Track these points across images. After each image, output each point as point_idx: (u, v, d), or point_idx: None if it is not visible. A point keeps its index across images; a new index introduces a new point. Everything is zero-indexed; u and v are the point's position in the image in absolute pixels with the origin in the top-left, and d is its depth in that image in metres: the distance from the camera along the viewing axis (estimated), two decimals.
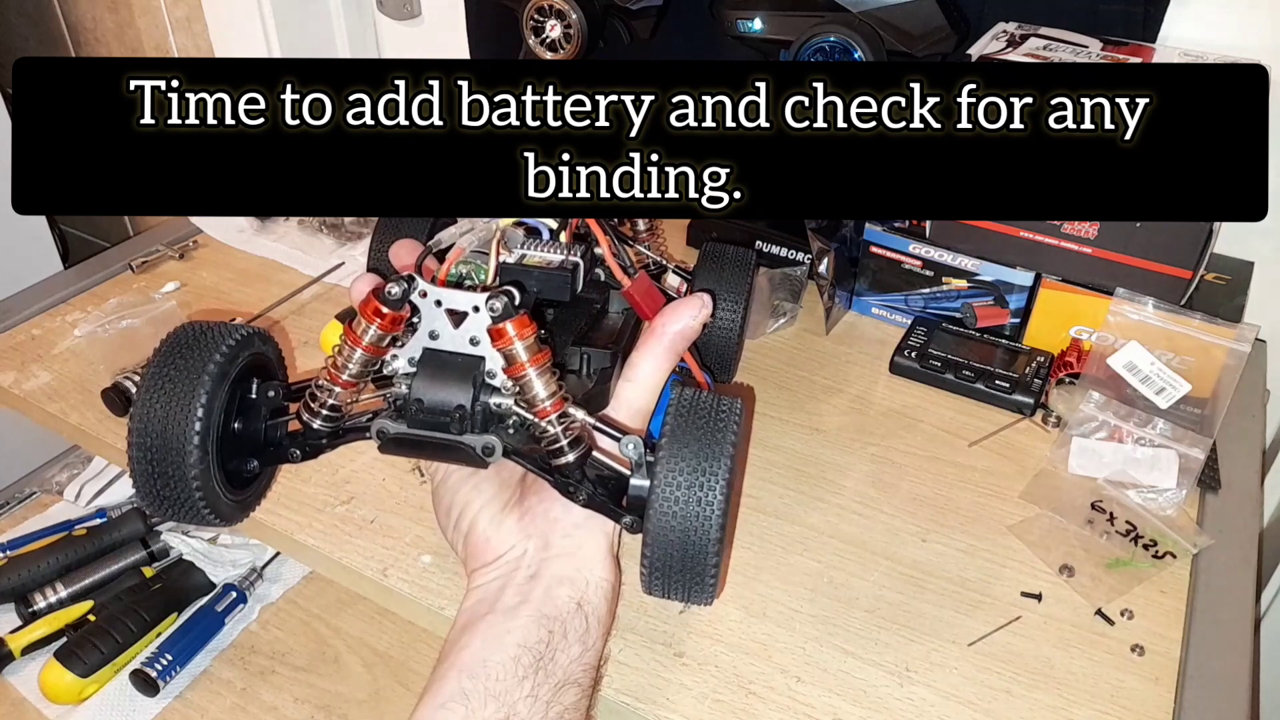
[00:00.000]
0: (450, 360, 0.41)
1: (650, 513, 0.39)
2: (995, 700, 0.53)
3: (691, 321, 0.50)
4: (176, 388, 0.39)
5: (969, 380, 0.75)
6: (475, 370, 0.41)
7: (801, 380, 0.77)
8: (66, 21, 1.44)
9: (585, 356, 0.49)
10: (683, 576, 0.41)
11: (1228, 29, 0.77)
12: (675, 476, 0.39)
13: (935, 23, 0.77)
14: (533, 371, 0.41)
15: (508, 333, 0.41)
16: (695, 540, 0.39)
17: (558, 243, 0.50)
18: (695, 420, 0.40)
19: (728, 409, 0.41)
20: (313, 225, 0.98)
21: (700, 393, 0.42)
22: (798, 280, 0.85)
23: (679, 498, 0.39)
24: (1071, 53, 0.73)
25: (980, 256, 0.78)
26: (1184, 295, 0.72)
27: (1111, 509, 0.65)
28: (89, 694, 0.85)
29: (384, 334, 0.41)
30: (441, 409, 0.41)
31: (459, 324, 0.41)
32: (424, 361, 0.41)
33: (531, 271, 0.46)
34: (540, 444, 0.44)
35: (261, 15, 1.09)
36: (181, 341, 0.41)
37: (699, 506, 0.39)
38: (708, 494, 0.39)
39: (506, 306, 0.41)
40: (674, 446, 0.40)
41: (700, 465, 0.39)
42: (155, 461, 0.39)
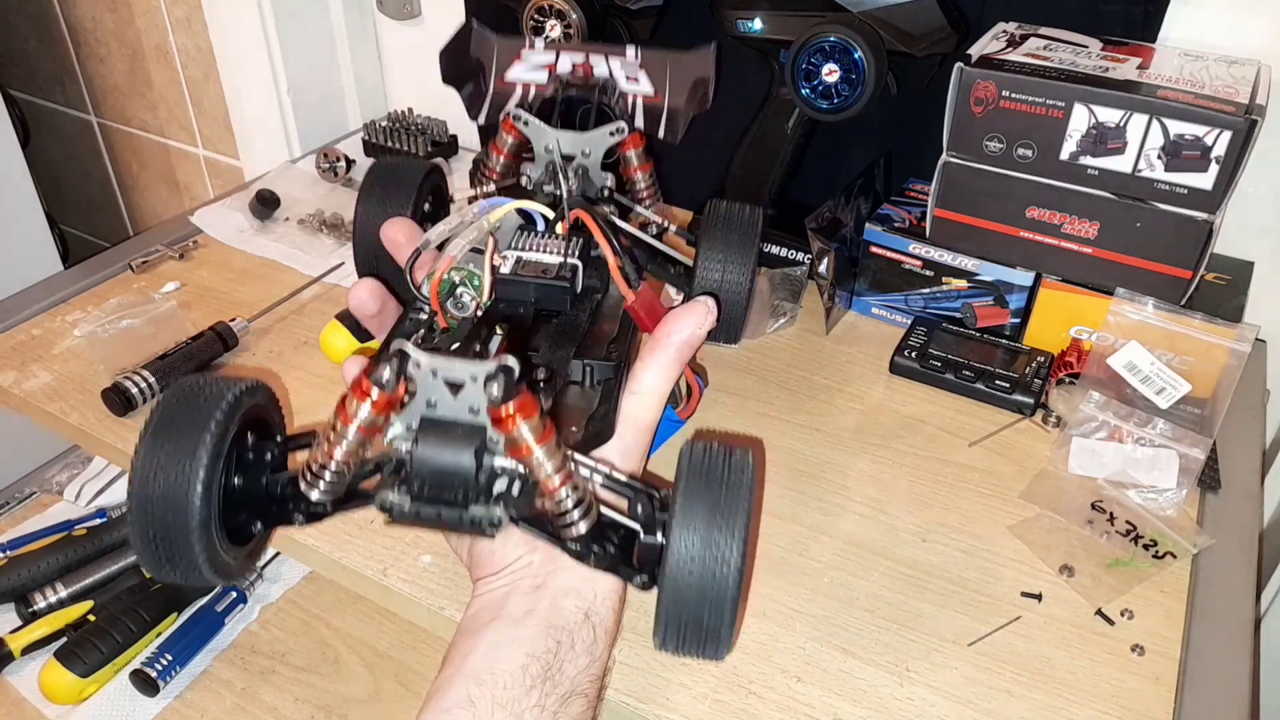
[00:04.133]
0: (450, 429, 0.39)
1: (666, 573, 0.38)
2: (995, 700, 0.53)
3: (697, 330, 0.48)
4: (176, 450, 0.37)
5: (969, 380, 0.75)
6: (477, 441, 0.39)
7: (801, 380, 0.77)
8: (66, 21, 1.44)
9: (588, 369, 0.47)
10: (698, 635, 0.39)
11: (1228, 29, 0.77)
12: (691, 536, 0.37)
13: (935, 23, 0.77)
14: (539, 452, 0.39)
15: (509, 417, 0.38)
16: (713, 600, 0.38)
17: (554, 236, 0.48)
18: (709, 477, 0.39)
19: (741, 464, 0.40)
20: (313, 225, 0.98)
21: (712, 446, 0.40)
22: (798, 280, 0.85)
23: (695, 557, 0.37)
24: (1071, 52, 0.73)
25: (980, 256, 0.78)
26: (1184, 295, 0.72)
27: (1111, 509, 0.65)
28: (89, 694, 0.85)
29: (378, 415, 0.39)
30: (445, 483, 0.39)
31: (457, 392, 0.38)
32: (424, 430, 0.39)
33: (528, 284, 0.45)
34: (547, 512, 0.42)
35: (261, 15, 1.09)
36: (178, 400, 0.39)
37: (716, 566, 0.37)
38: (725, 553, 0.37)
39: (506, 388, 0.37)
40: (689, 505, 0.38)
41: (716, 524, 0.38)
42: (157, 527, 0.38)
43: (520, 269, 0.47)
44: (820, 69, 0.77)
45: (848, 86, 0.77)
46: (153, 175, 1.55)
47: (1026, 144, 0.72)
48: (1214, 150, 0.66)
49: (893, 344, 0.79)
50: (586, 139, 0.57)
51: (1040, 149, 0.71)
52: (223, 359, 0.76)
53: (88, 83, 1.50)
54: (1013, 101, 0.70)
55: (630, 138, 0.59)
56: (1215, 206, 0.68)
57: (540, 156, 0.57)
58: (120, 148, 1.55)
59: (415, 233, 0.51)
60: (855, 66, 0.76)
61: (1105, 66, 0.71)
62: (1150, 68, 0.71)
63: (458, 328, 0.46)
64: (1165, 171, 0.68)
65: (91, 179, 1.63)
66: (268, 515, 0.42)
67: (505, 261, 0.46)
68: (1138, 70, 0.71)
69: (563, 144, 0.57)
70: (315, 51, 1.16)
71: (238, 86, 1.20)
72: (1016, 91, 0.70)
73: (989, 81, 0.70)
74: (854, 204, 0.83)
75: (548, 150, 0.57)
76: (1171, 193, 0.69)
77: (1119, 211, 0.71)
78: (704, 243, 0.55)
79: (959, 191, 0.76)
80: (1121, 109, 0.67)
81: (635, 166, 0.62)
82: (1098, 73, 0.70)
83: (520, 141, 0.61)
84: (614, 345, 0.49)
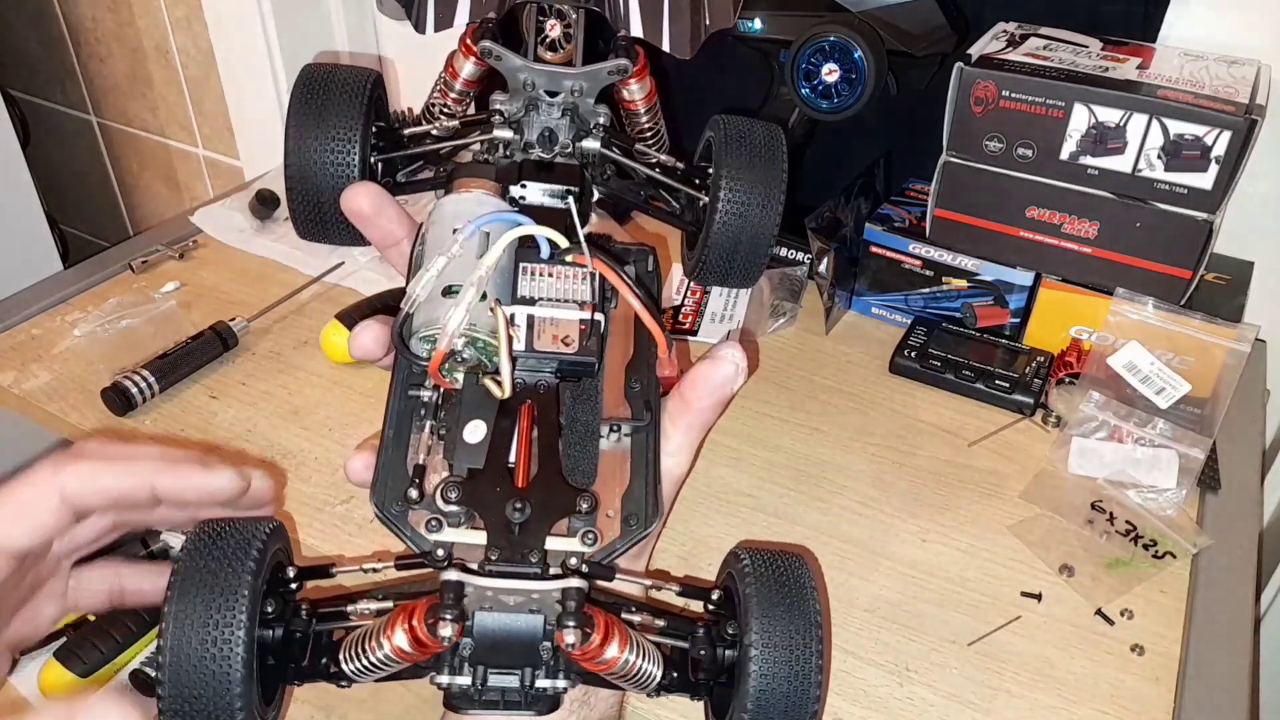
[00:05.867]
0: (510, 625, 0.34)
1: (749, 690, 0.35)
2: (995, 700, 0.53)
3: (729, 391, 0.43)
4: (210, 616, 0.33)
5: (969, 380, 0.75)
6: (539, 633, 0.35)
7: (801, 380, 0.77)
8: (66, 22, 1.44)
9: (616, 427, 0.41)
10: None
11: (1228, 29, 0.77)
12: (772, 651, 0.35)
13: (935, 22, 0.77)
14: (619, 664, 0.35)
15: (591, 654, 0.34)
16: (797, 708, 0.35)
17: (566, 272, 0.40)
18: (778, 587, 0.37)
19: (797, 566, 0.38)
20: None
21: (770, 554, 0.38)
22: (798, 280, 0.85)
23: (779, 673, 0.35)
24: (1071, 52, 0.73)
25: (980, 256, 0.78)
26: (1184, 295, 0.72)
27: (1111, 509, 0.65)
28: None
29: (421, 649, 0.34)
30: (507, 658, 0.35)
31: (513, 595, 0.34)
32: (480, 634, 0.34)
33: (549, 359, 0.39)
34: None
35: (261, 15, 1.09)
36: (202, 551, 0.35)
37: (801, 675, 0.35)
38: (808, 659, 0.35)
39: (580, 634, 0.33)
40: (766, 614, 0.36)
41: (794, 631, 0.35)
42: (196, 707, 0.34)
43: (536, 339, 0.39)
44: (820, 69, 0.77)
45: (848, 86, 0.77)
46: (153, 175, 1.55)
47: (1026, 144, 0.72)
48: (1214, 150, 0.66)
49: (893, 344, 0.79)
50: (577, 75, 0.46)
51: (1040, 149, 0.71)
52: (223, 358, 0.76)
53: (88, 83, 1.50)
54: (1013, 101, 0.70)
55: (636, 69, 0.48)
56: (1215, 206, 0.68)
57: (515, 89, 0.46)
58: (120, 148, 1.55)
59: (381, 200, 0.42)
60: (855, 66, 0.76)
61: (1105, 66, 0.71)
62: (1150, 68, 0.71)
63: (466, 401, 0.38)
64: (1165, 171, 0.68)
65: (91, 179, 1.63)
66: (303, 671, 0.38)
67: (516, 329, 0.38)
68: (1138, 70, 0.71)
69: (544, 81, 0.46)
70: (315, 51, 1.16)
71: (238, 86, 1.20)
72: (1016, 91, 0.70)
73: (989, 81, 0.70)
74: (854, 204, 0.83)
75: (526, 87, 0.46)
76: (1171, 193, 0.69)
77: (1119, 211, 0.71)
78: (725, 170, 0.45)
79: (959, 191, 0.76)
80: (1121, 109, 0.67)
81: (638, 99, 0.54)
82: (1098, 73, 0.70)
83: (483, 67, 0.53)
84: (635, 377, 0.42)
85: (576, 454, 0.38)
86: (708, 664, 0.37)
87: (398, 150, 0.47)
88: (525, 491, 0.35)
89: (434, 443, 0.38)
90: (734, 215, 0.45)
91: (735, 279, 0.47)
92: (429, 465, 0.37)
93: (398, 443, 0.38)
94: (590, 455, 0.39)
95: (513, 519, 0.34)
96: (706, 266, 0.46)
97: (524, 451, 0.36)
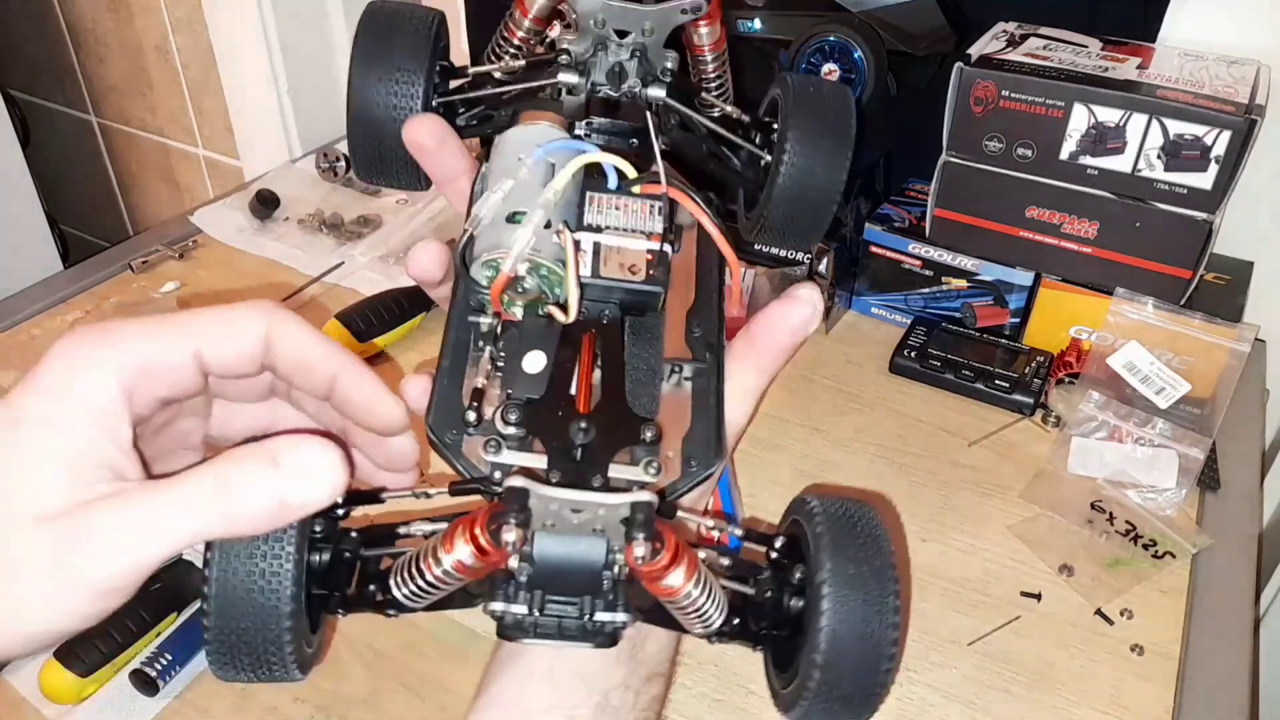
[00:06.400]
0: (573, 549, 0.33)
1: (820, 639, 0.33)
2: (995, 700, 0.53)
3: (803, 335, 0.40)
4: (259, 540, 0.32)
5: (969, 380, 0.75)
6: (602, 558, 0.33)
7: (801, 380, 0.77)
8: (66, 21, 1.44)
9: (677, 368, 0.40)
10: (852, 702, 0.35)
11: (1228, 29, 0.77)
12: (846, 591, 0.33)
13: (935, 22, 0.77)
14: (686, 590, 0.33)
15: (657, 574, 0.32)
16: (872, 663, 0.34)
17: (634, 203, 0.38)
18: (850, 527, 0.35)
19: (873, 514, 0.36)
20: (312, 225, 0.98)
21: (840, 500, 0.36)
22: (798, 280, 0.85)
23: (853, 616, 0.33)
24: (1071, 52, 0.73)
25: (980, 256, 0.78)
26: (1184, 295, 0.72)
27: (1111, 509, 0.65)
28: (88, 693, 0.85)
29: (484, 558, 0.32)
30: (567, 585, 0.33)
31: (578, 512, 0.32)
32: (541, 556, 0.32)
33: (614, 288, 0.37)
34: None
35: (261, 15, 1.09)
36: None
37: (878, 623, 0.33)
38: (885, 606, 0.33)
39: (649, 547, 0.30)
40: (839, 557, 0.34)
41: (870, 576, 0.34)
42: (243, 633, 0.33)
43: (602, 265, 0.37)
44: (820, 69, 0.77)
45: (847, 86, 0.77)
46: (153, 175, 1.55)
47: (1026, 144, 0.72)
48: (1214, 150, 0.66)
49: (893, 344, 0.79)
50: (649, 14, 0.45)
51: (1040, 149, 0.71)
52: None
53: (88, 83, 1.50)
54: (1013, 101, 0.70)
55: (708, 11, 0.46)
56: (1215, 206, 0.68)
57: (585, 28, 0.45)
58: (120, 148, 1.55)
59: (444, 132, 0.41)
60: (855, 66, 0.76)
61: (1105, 66, 0.71)
62: (1150, 68, 0.71)
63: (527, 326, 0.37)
64: (1165, 171, 0.68)
65: (91, 179, 1.63)
66: (348, 601, 0.36)
67: (582, 254, 0.37)
68: (1137, 70, 0.71)
69: (615, 19, 0.44)
70: (315, 51, 1.16)
71: (238, 86, 1.20)
72: (1016, 91, 0.70)
73: (989, 81, 0.70)
74: (854, 204, 0.83)
75: (595, 25, 0.44)
76: (1171, 193, 0.69)
77: (1119, 211, 0.71)
78: (791, 125, 0.43)
79: (959, 191, 0.76)
80: (1121, 109, 0.67)
81: (706, 45, 0.53)
82: (1098, 72, 0.70)
83: (553, 3, 0.52)
84: (696, 321, 0.40)
85: (637, 391, 0.37)
86: (771, 612, 0.36)
87: (460, 93, 0.45)
88: (588, 415, 0.33)
89: (492, 372, 0.36)
90: (799, 173, 0.42)
91: (794, 240, 0.45)
92: (486, 394, 0.35)
93: (455, 369, 0.36)
94: (651, 394, 0.37)
95: (575, 440, 0.33)
96: (766, 226, 0.43)
97: (585, 380, 0.35)
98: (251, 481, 0.30)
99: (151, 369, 0.32)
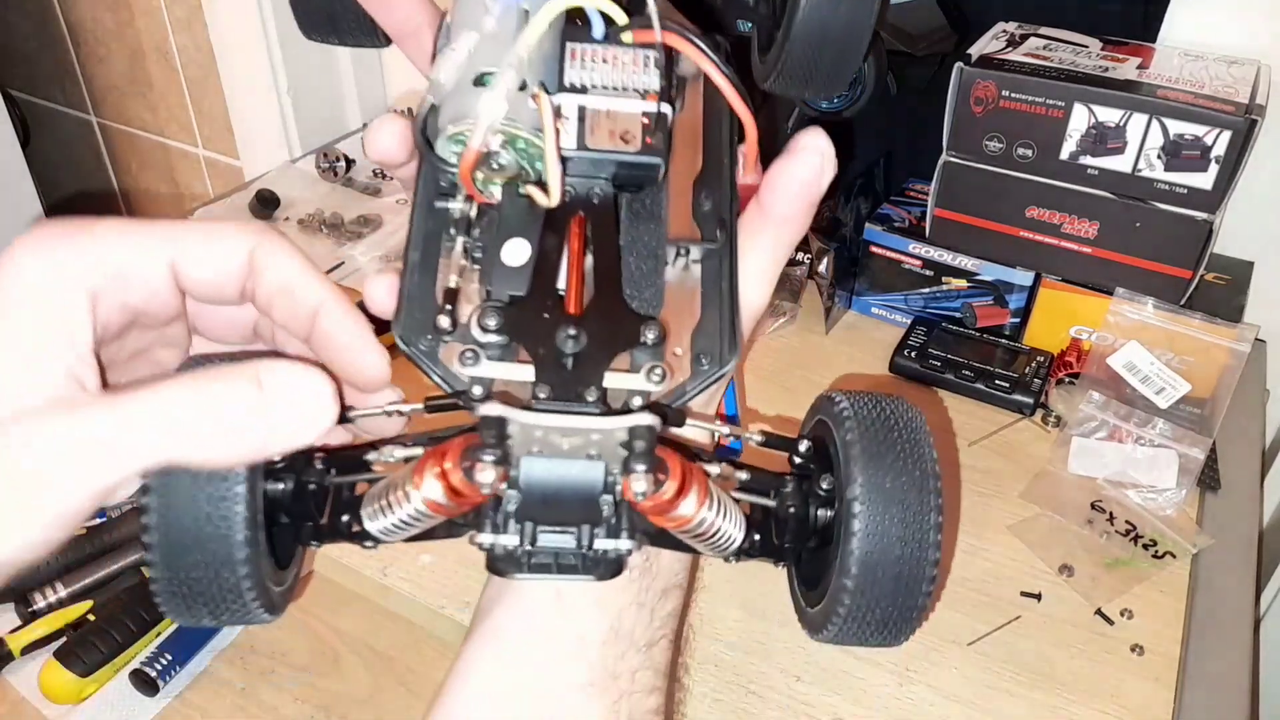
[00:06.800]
0: (565, 474, 0.28)
1: (853, 552, 0.30)
2: (995, 700, 0.53)
3: (817, 190, 0.34)
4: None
5: (969, 380, 0.75)
6: (599, 483, 0.29)
7: (801, 380, 0.77)
8: (66, 21, 1.44)
9: (684, 251, 0.34)
10: (887, 620, 0.32)
11: (1228, 29, 0.77)
12: (880, 507, 0.30)
13: (935, 23, 0.77)
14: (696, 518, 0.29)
15: (663, 508, 0.28)
16: (911, 577, 0.31)
17: (624, 55, 0.32)
18: (885, 430, 0.32)
19: (911, 413, 0.33)
20: (312, 225, 0.98)
21: (873, 397, 0.33)
22: (798, 280, 0.85)
23: (889, 533, 0.30)
24: (1071, 52, 0.73)
25: (980, 256, 0.78)
26: (1184, 295, 0.72)
27: (1111, 509, 0.65)
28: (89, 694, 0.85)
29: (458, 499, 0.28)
30: (561, 514, 0.29)
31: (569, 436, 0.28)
32: (528, 484, 0.28)
33: (605, 161, 0.31)
34: None
35: (261, 15, 1.09)
36: None
37: (918, 534, 0.30)
38: (925, 517, 0.30)
39: (652, 480, 0.27)
40: (872, 468, 0.30)
41: (909, 488, 0.31)
42: (191, 567, 0.28)
43: (589, 134, 0.31)
44: None
45: (848, 86, 0.77)
46: (153, 175, 1.55)
47: (1026, 144, 0.72)
48: (1214, 150, 0.66)
49: (893, 344, 0.79)
50: None
51: (1040, 149, 0.71)
52: None
53: (88, 83, 1.50)
54: (1013, 101, 0.70)
55: None
56: (1215, 206, 0.68)
57: None
58: (120, 148, 1.55)
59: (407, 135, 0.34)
60: None
61: (1105, 66, 0.71)
62: (1150, 68, 0.71)
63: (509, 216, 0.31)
64: (1165, 171, 0.68)
65: (92, 179, 1.63)
66: (321, 531, 0.32)
67: (564, 122, 0.31)
68: (1138, 70, 0.71)
69: None
70: (315, 51, 1.15)
71: (238, 86, 1.20)
72: (1016, 91, 0.70)
73: (989, 81, 0.70)
74: (854, 204, 0.83)
75: None
76: (1171, 192, 0.69)
77: (1119, 211, 0.71)
78: None
79: (959, 191, 0.76)
80: (1121, 109, 0.67)
81: None
82: (1098, 72, 0.70)
83: None
84: (704, 192, 0.34)
85: (637, 282, 0.32)
86: (795, 525, 0.32)
87: None
88: (579, 318, 0.29)
89: (468, 266, 0.31)
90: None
91: (819, 84, 0.36)
92: (462, 291, 0.31)
93: (425, 266, 0.31)
94: (653, 284, 0.32)
95: (564, 349, 0.28)
96: (786, 69, 0.35)
97: (576, 273, 0.30)
98: (234, 400, 0.26)
99: (122, 273, 0.28)
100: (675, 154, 0.33)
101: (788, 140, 0.35)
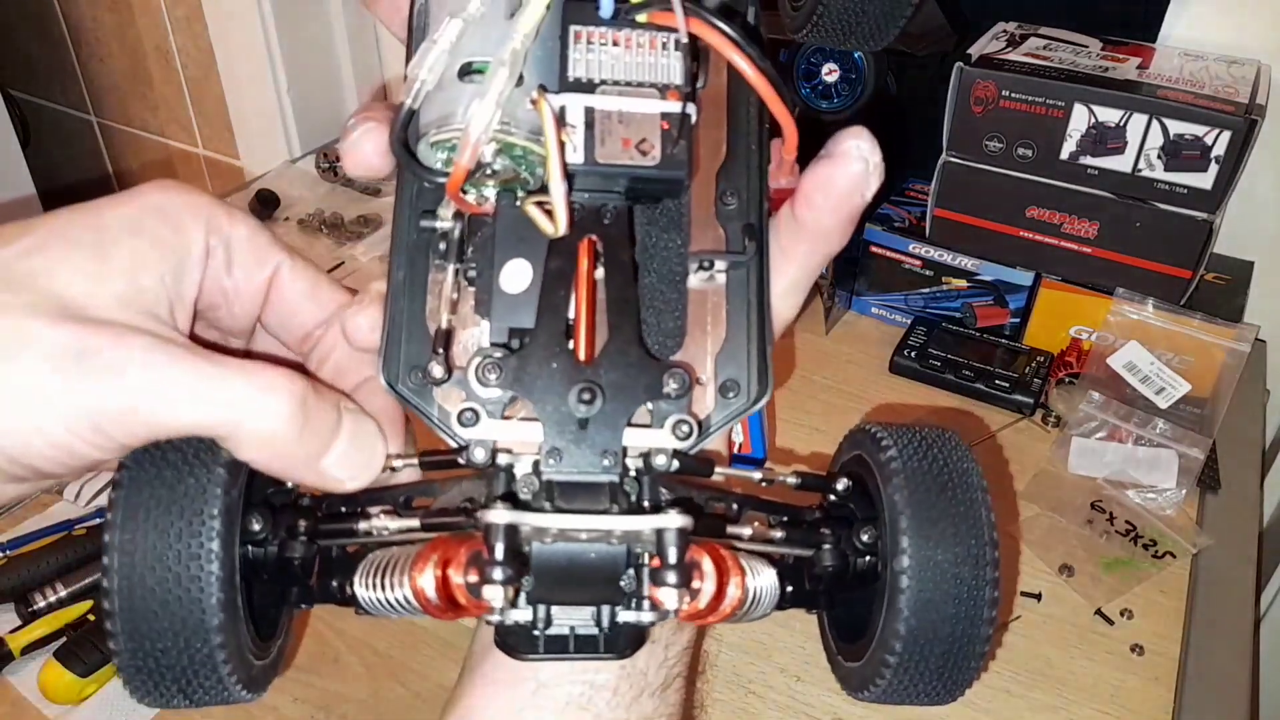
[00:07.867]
0: (581, 558, 0.25)
1: (903, 605, 0.27)
2: (995, 700, 0.53)
3: (859, 200, 0.30)
4: (174, 524, 0.24)
5: (969, 380, 0.75)
6: (620, 567, 0.25)
7: (801, 380, 0.77)
8: (66, 21, 1.44)
9: (708, 263, 0.29)
10: (941, 677, 0.28)
11: (1228, 29, 0.77)
12: (933, 583, 0.26)
13: (935, 22, 0.77)
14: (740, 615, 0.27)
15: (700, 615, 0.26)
16: (960, 651, 0.27)
17: (639, 38, 0.26)
18: (939, 494, 0.28)
19: (962, 456, 0.29)
20: (312, 225, 0.98)
21: (925, 440, 0.29)
22: None
23: (943, 609, 0.27)
24: (1071, 52, 0.73)
25: (980, 256, 0.78)
26: (1184, 295, 0.72)
27: (1111, 509, 0.65)
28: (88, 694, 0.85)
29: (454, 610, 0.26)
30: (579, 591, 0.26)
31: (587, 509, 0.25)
32: (541, 568, 0.25)
33: (618, 175, 0.26)
34: None
35: (261, 15, 1.09)
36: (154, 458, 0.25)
37: (971, 584, 0.27)
38: (981, 562, 0.27)
39: (684, 594, 0.24)
40: (923, 538, 0.27)
41: (964, 560, 0.27)
42: (157, 624, 0.24)
43: (599, 144, 0.26)
44: (820, 68, 0.77)
45: (848, 86, 0.77)
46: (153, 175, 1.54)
47: (1026, 144, 0.72)
48: (1214, 150, 0.66)
49: (893, 344, 0.79)
50: None
51: (1040, 149, 0.71)
52: None
53: (88, 83, 1.50)
54: (1013, 101, 0.70)
55: None
56: (1215, 206, 0.68)
57: None
58: (120, 148, 1.55)
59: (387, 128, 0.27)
60: (855, 66, 0.76)
61: (1105, 66, 0.71)
62: (1150, 68, 0.71)
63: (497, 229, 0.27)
64: (1165, 171, 0.68)
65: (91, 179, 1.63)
66: (309, 593, 0.28)
67: (570, 131, 0.26)
68: (1138, 70, 0.71)
69: None
70: (315, 51, 1.16)
71: (238, 86, 1.20)
72: (1016, 91, 0.70)
73: (989, 81, 0.70)
74: None
75: None
76: (1171, 192, 0.69)
77: (1119, 211, 0.71)
78: None
79: (959, 191, 0.76)
80: (1121, 109, 0.67)
81: None
82: (1098, 72, 0.70)
83: None
84: (729, 187, 0.29)
85: (656, 308, 0.28)
86: (832, 577, 0.29)
87: None
88: (593, 367, 0.26)
89: (461, 289, 0.27)
90: None
91: (863, 34, 0.31)
92: (456, 321, 0.27)
93: (411, 292, 0.27)
94: (673, 305, 0.28)
95: (576, 412, 0.25)
96: (824, 18, 0.30)
97: (587, 312, 0.26)
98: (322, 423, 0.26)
99: (235, 245, 0.28)
100: (697, 140, 0.28)
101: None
